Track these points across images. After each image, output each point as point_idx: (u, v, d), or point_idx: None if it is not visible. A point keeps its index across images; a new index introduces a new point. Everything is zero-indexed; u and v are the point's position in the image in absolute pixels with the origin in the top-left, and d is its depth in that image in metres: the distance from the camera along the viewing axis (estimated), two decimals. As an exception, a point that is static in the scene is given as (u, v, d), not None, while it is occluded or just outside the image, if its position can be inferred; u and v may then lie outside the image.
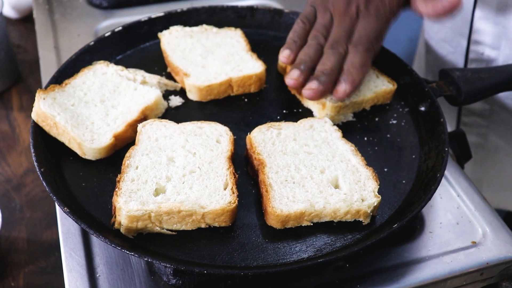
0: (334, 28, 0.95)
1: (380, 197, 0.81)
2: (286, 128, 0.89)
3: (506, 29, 1.12)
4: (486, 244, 0.85)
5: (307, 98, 0.91)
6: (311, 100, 0.93)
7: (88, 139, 0.86)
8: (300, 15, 0.98)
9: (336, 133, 0.90)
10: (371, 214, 0.80)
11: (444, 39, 1.26)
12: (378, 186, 0.82)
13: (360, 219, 0.80)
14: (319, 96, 0.90)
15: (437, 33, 1.27)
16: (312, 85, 0.89)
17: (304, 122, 0.91)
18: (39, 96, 0.88)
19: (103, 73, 0.97)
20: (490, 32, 1.14)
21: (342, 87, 0.90)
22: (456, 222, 0.88)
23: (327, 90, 0.91)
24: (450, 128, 1.10)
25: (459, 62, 1.24)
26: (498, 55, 1.16)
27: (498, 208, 1.34)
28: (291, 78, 0.91)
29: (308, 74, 0.92)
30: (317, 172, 0.83)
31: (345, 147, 0.87)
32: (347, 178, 0.83)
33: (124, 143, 0.89)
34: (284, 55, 0.95)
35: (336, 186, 0.83)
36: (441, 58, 1.28)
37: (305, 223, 0.80)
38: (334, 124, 0.92)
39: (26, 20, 1.45)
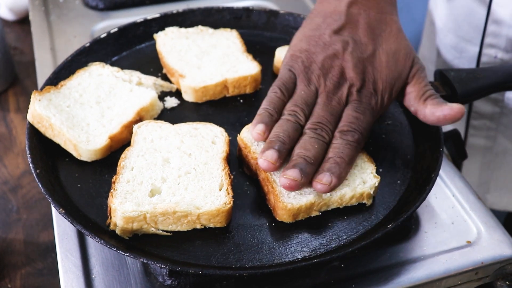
0: (318, 107, 0.80)
1: (379, 177, 0.83)
2: None
3: None
4: (481, 244, 0.85)
5: (283, 187, 0.76)
6: (287, 190, 0.78)
7: (83, 140, 0.86)
8: (277, 81, 0.83)
9: None
10: (373, 195, 0.83)
11: (450, 44, 1.26)
12: (375, 168, 0.84)
13: (364, 201, 0.82)
14: (297, 188, 0.76)
15: (445, 38, 1.27)
16: (293, 174, 0.75)
17: None
18: (34, 98, 0.88)
19: (98, 75, 0.97)
20: (505, 35, 1.14)
21: (328, 179, 0.76)
22: (451, 222, 0.88)
23: (306, 183, 0.77)
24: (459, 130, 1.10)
25: (467, 66, 1.24)
26: (511, 58, 1.16)
27: (505, 210, 1.35)
28: (266, 159, 0.76)
29: (285, 156, 0.78)
30: None
31: None
32: None
33: (119, 144, 0.89)
34: (258, 131, 0.79)
35: None
36: (448, 62, 1.29)
37: (314, 214, 0.81)
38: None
39: (23, 22, 1.45)
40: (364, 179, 0.82)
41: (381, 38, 0.85)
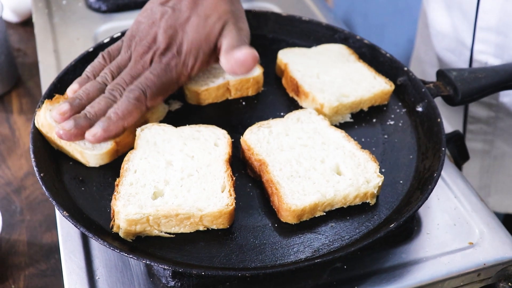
0: (124, 70, 0.88)
1: (383, 176, 0.83)
2: (275, 125, 0.91)
3: (509, 38, 1.12)
4: (483, 245, 0.85)
5: (57, 135, 0.84)
6: (63, 139, 0.84)
7: (89, 146, 0.86)
8: (106, 49, 0.92)
9: (324, 122, 0.91)
10: (376, 194, 0.84)
11: (447, 48, 1.27)
12: (379, 167, 0.85)
13: (368, 201, 0.83)
14: (69, 138, 0.83)
15: (441, 43, 1.28)
16: (65, 125, 0.83)
17: (291, 116, 0.92)
18: (46, 108, 0.88)
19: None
20: (493, 41, 1.15)
21: (93, 130, 0.83)
22: (453, 223, 0.88)
23: (80, 134, 0.83)
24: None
25: None
26: (501, 63, 1.16)
27: (506, 213, 1.35)
28: (58, 111, 0.84)
29: (79, 111, 0.85)
30: (318, 162, 0.85)
31: (336, 134, 0.89)
32: (348, 164, 0.85)
33: (126, 148, 0.89)
34: (71, 89, 0.88)
35: (339, 173, 0.85)
36: (446, 66, 1.29)
37: (318, 214, 0.82)
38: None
39: (26, 23, 1.46)
40: (368, 179, 0.83)
41: (201, 6, 0.90)
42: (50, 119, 0.87)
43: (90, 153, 0.85)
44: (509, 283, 0.83)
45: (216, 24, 0.89)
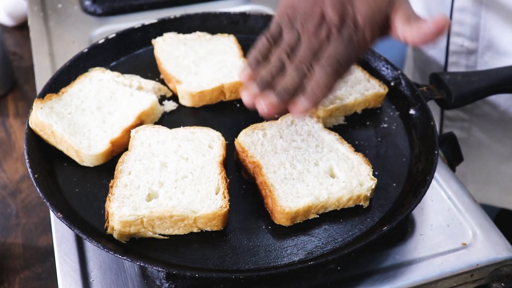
0: (301, 48, 0.89)
1: (376, 180, 0.84)
2: (269, 127, 0.91)
3: (483, 19, 1.13)
4: (476, 246, 0.86)
5: (261, 114, 0.81)
6: (266, 116, 0.82)
7: (85, 146, 0.87)
8: (265, 32, 0.91)
9: (318, 125, 0.92)
10: (370, 197, 0.84)
11: None
12: (372, 170, 0.85)
13: (361, 204, 0.84)
14: (274, 111, 0.81)
15: None
16: (270, 98, 0.81)
17: (285, 119, 0.93)
18: (36, 106, 0.89)
19: (99, 80, 0.97)
20: (468, 23, 1.15)
21: (302, 103, 0.82)
22: (446, 224, 0.89)
23: (283, 107, 0.82)
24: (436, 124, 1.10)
25: (440, 56, 1.25)
26: (477, 47, 1.17)
27: (481, 202, 1.35)
28: (248, 93, 0.82)
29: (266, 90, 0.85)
30: (312, 165, 0.86)
31: (330, 137, 0.90)
32: (341, 167, 0.85)
33: (121, 148, 0.89)
34: (245, 74, 0.86)
35: (333, 176, 0.85)
36: (424, 53, 1.29)
37: (312, 216, 0.82)
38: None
39: (22, 27, 1.46)
40: (361, 181, 0.83)
41: None
42: (42, 117, 0.87)
43: (86, 153, 0.86)
44: (502, 283, 0.83)
45: None
